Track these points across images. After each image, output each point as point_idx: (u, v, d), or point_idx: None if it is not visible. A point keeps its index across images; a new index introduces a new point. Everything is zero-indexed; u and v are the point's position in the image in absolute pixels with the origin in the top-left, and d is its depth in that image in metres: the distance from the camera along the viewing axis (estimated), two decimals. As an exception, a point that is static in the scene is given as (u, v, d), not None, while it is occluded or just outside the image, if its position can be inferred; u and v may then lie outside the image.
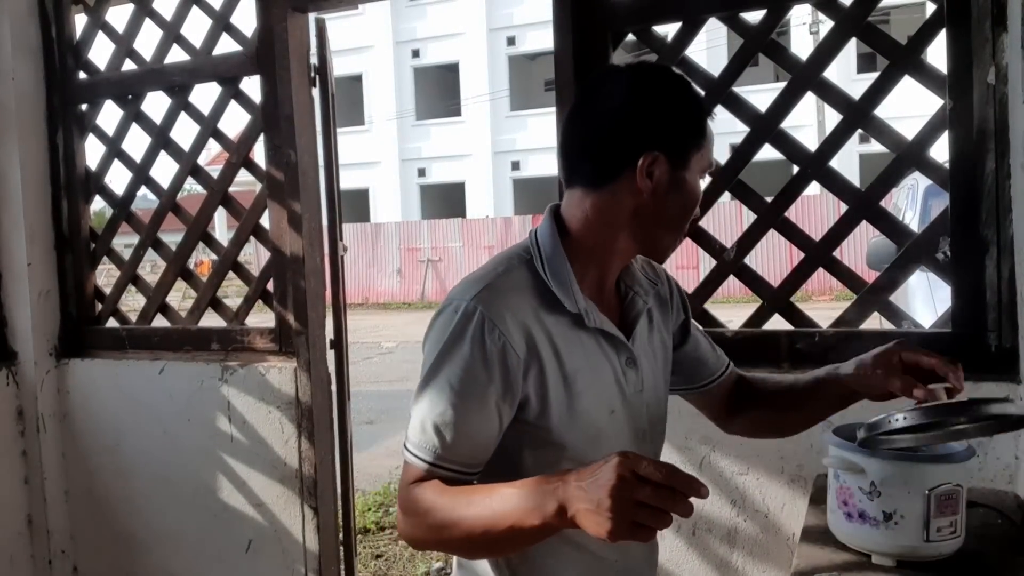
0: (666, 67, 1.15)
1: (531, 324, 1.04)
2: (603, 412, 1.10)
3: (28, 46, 2.68)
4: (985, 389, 1.63)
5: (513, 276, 1.08)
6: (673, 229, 1.12)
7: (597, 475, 0.85)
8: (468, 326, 1.02)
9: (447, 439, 1.02)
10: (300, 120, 2.38)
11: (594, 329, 1.10)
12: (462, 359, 1.02)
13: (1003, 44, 1.62)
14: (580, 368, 1.07)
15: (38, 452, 2.69)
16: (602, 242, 1.11)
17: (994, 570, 1.17)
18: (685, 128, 1.09)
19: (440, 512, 0.99)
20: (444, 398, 1.02)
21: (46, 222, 2.72)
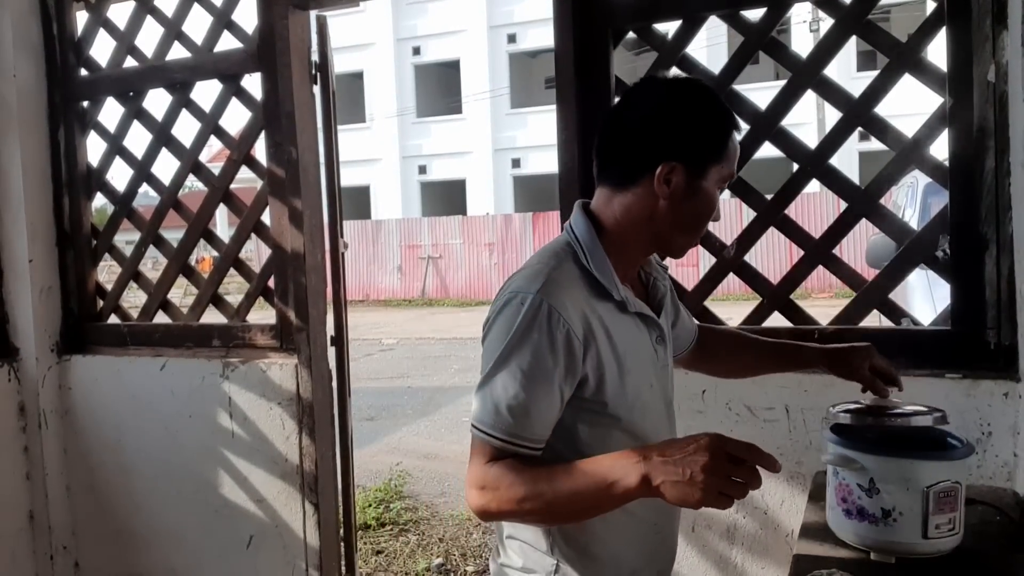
0: (698, 82, 1.22)
1: (587, 311, 1.15)
2: (645, 386, 1.23)
3: (29, 43, 2.68)
4: (984, 387, 1.63)
5: (565, 269, 1.18)
6: (687, 232, 1.22)
7: (687, 451, 0.97)
8: (537, 316, 1.11)
9: (520, 419, 1.12)
10: (301, 117, 2.39)
11: (634, 313, 1.22)
12: (532, 346, 1.11)
13: (1003, 42, 1.62)
14: (628, 349, 1.19)
15: (40, 448, 2.70)
16: (629, 238, 1.22)
17: (992, 567, 1.17)
18: (705, 141, 1.17)
19: (523, 487, 1.08)
20: (516, 382, 1.12)
21: (48, 219, 2.73)
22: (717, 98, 1.20)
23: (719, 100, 1.20)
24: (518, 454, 1.12)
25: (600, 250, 1.20)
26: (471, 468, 1.15)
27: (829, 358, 1.41)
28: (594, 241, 1.21)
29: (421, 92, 23.57)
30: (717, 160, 1.17)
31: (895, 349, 1.77)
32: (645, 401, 1.23)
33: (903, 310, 1.86)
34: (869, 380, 1.37)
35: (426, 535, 3.95)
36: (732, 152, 1.19)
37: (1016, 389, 1.60)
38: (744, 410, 1.84)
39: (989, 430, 1.63)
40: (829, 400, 1.74)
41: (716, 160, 1.17)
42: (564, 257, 1.20)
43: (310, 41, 2.44)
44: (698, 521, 1.91)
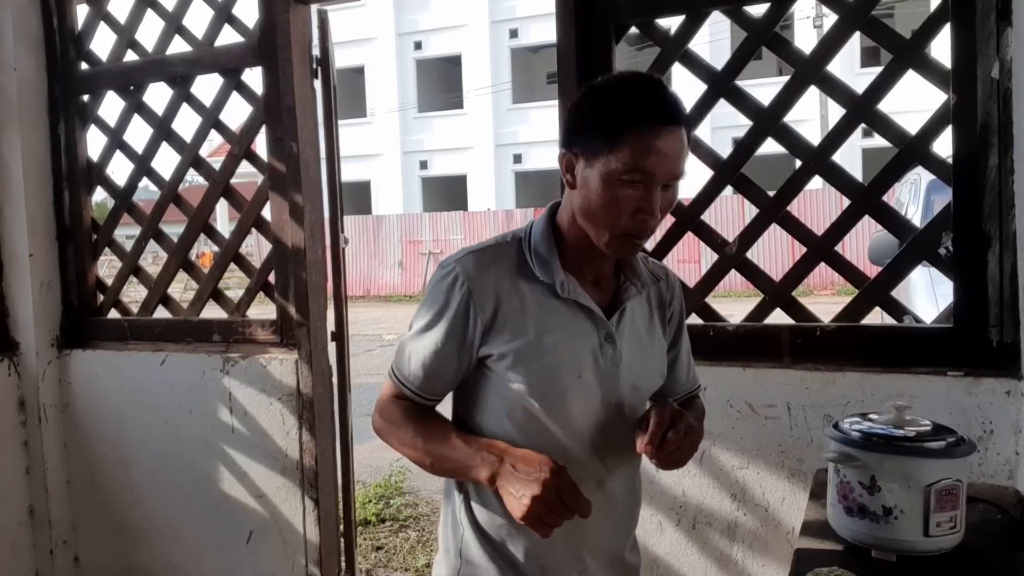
0: (623, 74, 1.22)
1: (505, 288, 1.22)
2: (570, 374, 1.24)
3: (30, 37, 2.67)
4: (986, 385, 1.63)
5: (499, 248, 1.27)
6: (592, 224, 1.20)
7: (531, 473, 1.09)
8: (444, 281, 1.23)
9: (412, 368, 1.26)
10: (302, 112, 2.38)
11: (569, 300, 1.24)
12: (435, 307, 1.23)
13: (1007, 39, 1.61)
14: (550, 329, 1.23)
15: (40, 442, 2.70)
16: (571, 231, 1.26)
17: (993, 565, 1.17)
18: (592, 129, 1.16)
19: (405, 432, 1.24)
20: (418, 336, 1.25)
21: (48, 213, 2.73)
22: (628, 88, 1.17)
23: (629, 90, 1.16)
24: (413, 400, 1.27)
25: (546, 238, 1.26)
26: (381, 393, 1.30)
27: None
28: (544, 231, 1.27)
29: (422, 87, 23.55)
30: (607, 150, 1.14)
31: (897, 347, 1.77)
32: (565, 387, 1.24)
33: (905, 307, 1.85)
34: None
35: (426, 531, 3.95)
36: (630, 146, 1.13)
37: (1018, 387, 1.60)
38: (745, 407, 1.84)
39: (991, 428, 1.63)
40: (830, 397, 1.76)
41: (608, 148, 1.14)
42: (507, 240, 1.28)
43: (311, 35, 2.43)
44: (699, 518, 1.91)
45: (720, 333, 1.93)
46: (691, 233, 2.01)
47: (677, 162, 1.16)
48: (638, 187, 1.15)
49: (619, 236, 1.19)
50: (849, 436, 1.22)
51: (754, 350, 1.89)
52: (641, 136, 1.13)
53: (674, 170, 1.16)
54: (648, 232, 1.20)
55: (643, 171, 1.13)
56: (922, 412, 1.31)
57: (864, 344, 1.80)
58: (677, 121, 1.15)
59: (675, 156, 1.15)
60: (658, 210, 1.17)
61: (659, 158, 1.13)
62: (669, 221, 2.02)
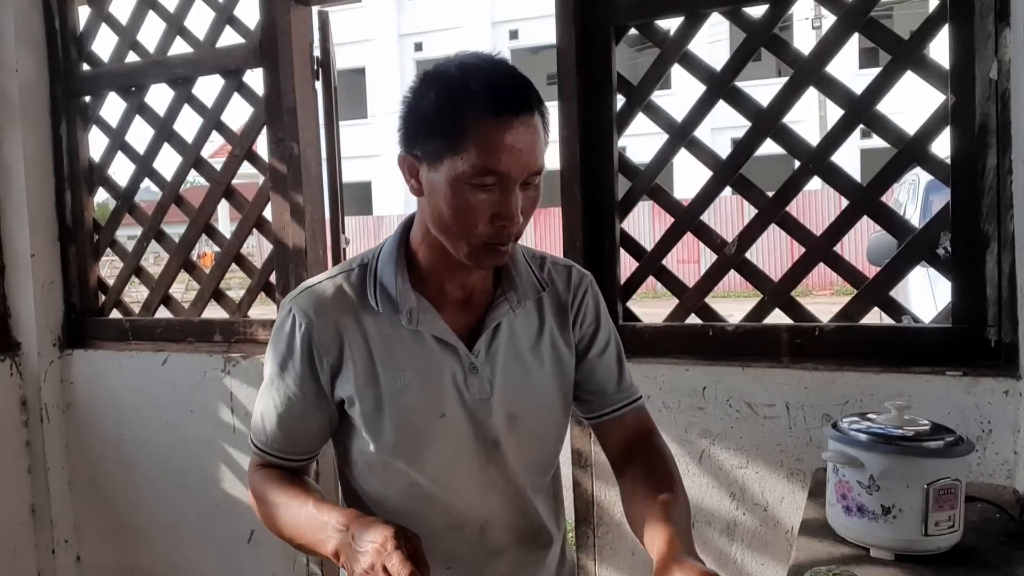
0: (448, 61, 1.04)
1: (346, 325, 1.10)
2: (430, 415, 1.11)
3: (32, 38, 2.68)
4: (984, 384, 1.63)
5: (338, 280, 1.14)
6: (447, 235, 1.05)
7: (365, 544, 0.96)
8: (284, 325, 1.12)
9: (267, 429, 1.15)
10: (303, 113, 2.39)
11: (422, 331, 1.11)
12: (277, 355, 1.13)
13: (1006, 39, 1.62)
14: (401, 368, 1.10)
15: (42, 442, 2.70)
16: (424, 244, 1.12)
17: (992, 564, 1.17)
18: (434, 128, 1.00)
19: (266, 503, 1.14)
20: (266, 391, 1.15)
21: (49, 213, 2.73)
22: (467, 75, 1.00)
23: (468, 78, 0.99)
24: (276, 464, 1.17)
25: (392, 261, 1.12)
26: (249, 468, 1.21)
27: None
28: (392, 252, 1.13)
29: (423, 88, 23.52)
30: (451, 151, 0.98)
31: (896, 346, 1.78)
32: (425, 430, 1.11)
33: (904, 307, 1.86)
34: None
35: (426, 530, 3.94)
36: (477, 144, 0.97)
37: (1016, 387, 1.60)
38: (744, 407, 1.84)
39: (989, 428, 1.63)
40: (830, 397, 1.76)
41: (449, 151, 0.98)
42: (350, 268, 1.15)
43: (312, 36, 2.43)
44: (698, 518, 1.91)
45: (719, 333, 1.94)
46: (690, 233, 2.02)
47: (534, 156, 1.00)
48: (492, 190, 1.00)
49: (479, 246, 1.04)
50: (848, 435, 1.22)
51: (753, 350, 1.90)
52: (488, 132, 0.97)
53: (532, 165, 1.00)
54: (511, 237, 1.05)
55: (495, 172, 0.98)
56: (921, 412, 1.32)
57: (863, 344, 1.80)
58: (529, 109, 0.99)
59: (530, 150, 1.00)
60: (519, 212, 1.02)
61: (512, 155, 0.98)
62: (668, 221, 2.03)
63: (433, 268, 1.13)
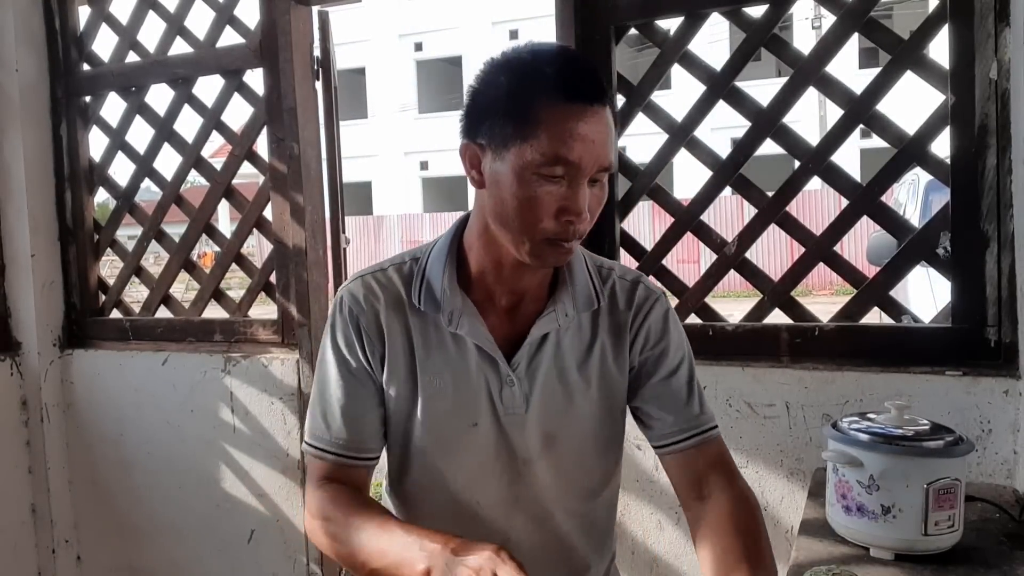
0: (520, 48, 1.00)
1: (389, 317, 1.08)
2: (462, 422, 1.07)
3: (32, 38, 2.68)
4: (984, 384, 1.63)
5: (388, 272, 1.13)
6: (509, 230, 1.00)
7: (471, 561, 0.87)
8: (335, 313, 1.11)
9: (331, 425, 1.08)
10: (303, 113, 2.39)
11: (463, 336, 1.07)
12: (333, 345, 1.10)
13: (1006, 39, 1.62)
14: (438, 369, 1.07)
15: (42, 442, 2.71)
16: (480, 242, 1.07)
17: (991, 564, 1.17)
18: (503, 113, 0.96)
19: (337, 522, 1.03)
20: (324, 385, 1.10)
21: (50, 213, 2.73)
22: (542, 61, 0.96)
23: (544, 64, 0.96)
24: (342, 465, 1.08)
25: (443, 261, 1.08)
26: (308, 484, 1.10)
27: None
28: (443, 251, 1.09)
29: (423, 88, 23.55)
30: (520, 138, 0.94)
31: (895, 346, 1.78)
32: (456, 438, 1.08)
33: (904, 307, 1.86)
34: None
35: (427, 530, 3.95)
36: (549, 131, 0.93)
37: (1016, 387, 1.60)
38: (744, 407, 1.85)
39: (989, 427, 1.63)
40: (829, 397, 1.76)
41: (518, 138, 0.94)
42: (403, 261, 1.13)
43: (312, 36, 2.44)
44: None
45: (719, 333, 1.94)
46: (690, 233, 2.02)
47: (605, 150, 0.96)
48: (560, 182, 0.95)
49: (542, 242, 0.99)
50: (848, 435, 1.22)
51: (753, 350, 1.90)
52: (562, 119, 0.93)
53: (603, 159, 0.96)
54: (577, 235, 0.99)
55: (566, 162, 0.94)
56: (920, 411, 1.32)
57: (863, 344, 1.81)
58: (602, 99, 0.96)
59: (602, 142, 0.95)
60: (587, 208, 0.97)
61: (584, 145, 0.94)
62: (668, 221, 2.03)
63: (485, 268, 1.08)
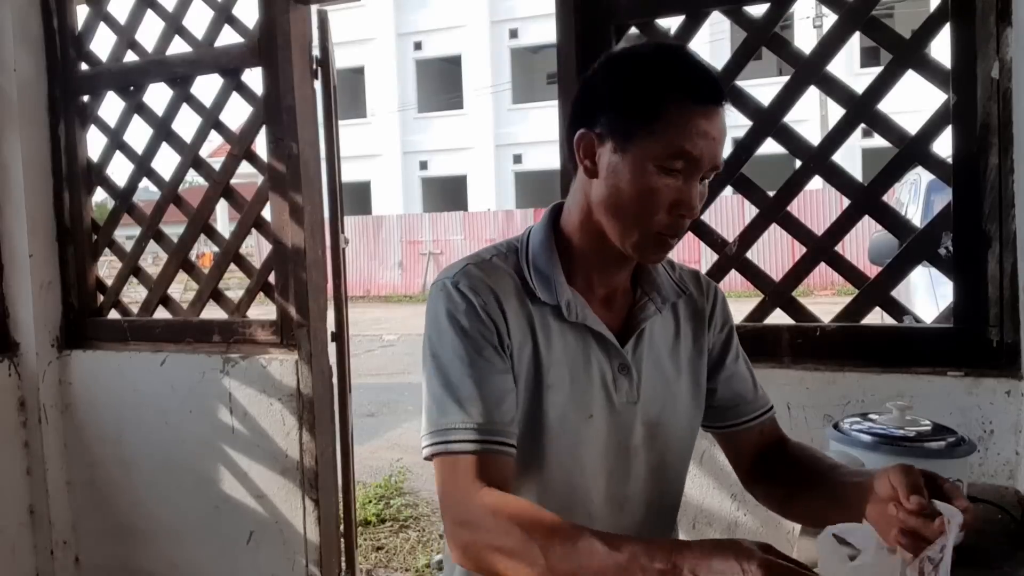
0: (640, 45, 1.06)
1: (511, 305, 1.03)
2: (580, 413, 1.05)
3: (30, 37, 2.67)
4: (986, 385, 1.63)
5: (496, 261, 1.08)
6: (621, 221, 1.01)
7: (735, 567, 0.77)
8: (455, 297, 1.02)
9: (471, 405, 0.97)
10: (302, 112, 2.38)
11: (579, 324, 1.06)
12: (459, 328, 1.01)
13: (1007, 39, 1.61)
14: (557, 360, 1.05)
15: (40, 443, 2.70)
16: (581, 232, 1.07)
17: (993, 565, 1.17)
18: (629, 106, 0.99)
19: (512, 534, 0.89)
20: (448, 370, 0.99)
21: (48, 213, 2.73)
22: (670, 59, 1.00)
23: (672, 62, 0.99)
24: (497, 454, 0.96)
25: (548, 248, 1.07)
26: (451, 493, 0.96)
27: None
28: (545, 239, 1.08)
29: (422, 87, 23.55)
30: (646, 131, 0.96)
31: (897, 347, 1.77)
32: (576, 430, 1.05)
33: (905, 307, 1.85)
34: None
35: (426, 531, 3.95)
36: (676, 126, 0.95)
37: (1018, 387, 1.60)
38: (745, 407, 1.84)
39: (991, 428, 1.63)
40: (830, 397, 1.76)
41: (644, 130, 0.96)
42: (504, 251, 1.10)
43: (311, 36, 2.43)
44: (699, 518, 1.91)
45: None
46: (691, 233, 2.00)
47: (721, 149, 0.99)
48: (678, 177, 0.98)
49: (652, 236, 1.01)
50: (849, 436, 1.22)
51: (754, 350, 1.87)
52: (688, 115, 0.96)
53: (718, 158, 0.99)
54: (683, 231, 1.02)
55: (689, 157, 0.96)
56: (922, 412, 1.31)
57: (864, 344, 1.80)
58: (722, 101, 0.99)
59: (720, 141, 0.99)
60: (698, 206, 1.00)
61: (707, 143, 0.97)
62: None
63: (587, 259, 1.08)
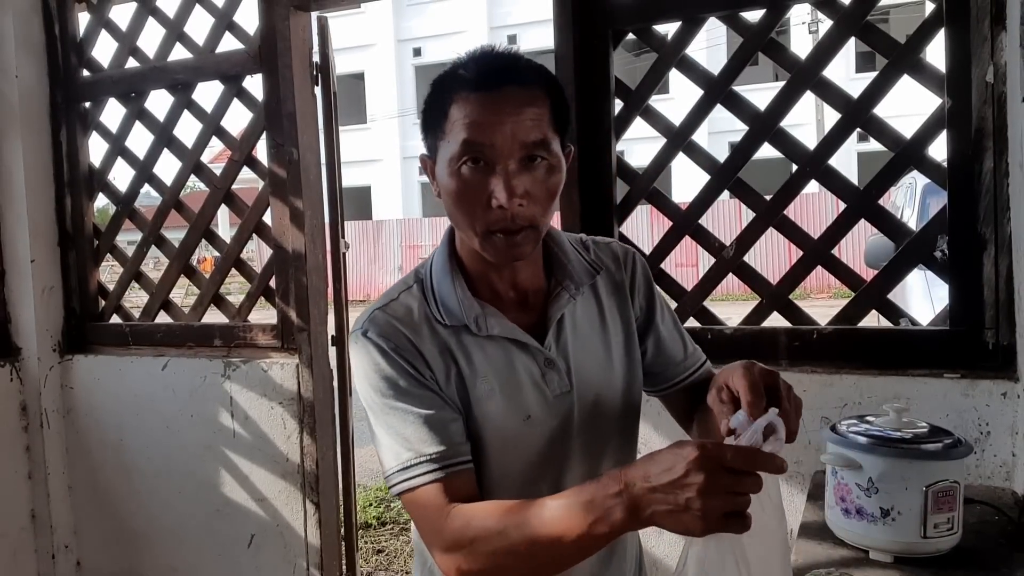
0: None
1: (423, 339, 1.04)
2: (515, 418, 1.06)
3: (32, 44, 2.69)
4: (982, 387, 1.64)
5: (401, 300, 1.07)
6: (460, 227, 1.03)
7: (676, 472, 0.78)
8: (368, 348, 1.02)
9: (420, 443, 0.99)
10: (302, 118, 2.39)
11: (497, 336, 1.06)
12: (382, 375, 1.01)
13: (1001, 43, 1.63)
14: (483, 375, 1.05)
15: (42, 447, 2.71)
16: (466, 247, 1.08)
17: (991, 566, 1.17)
18: (427, 123, 1.03)
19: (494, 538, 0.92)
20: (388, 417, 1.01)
21: (50, 219, 2.74)
22: (453, 64, 1.03)
23: (454, 65, 1.02)
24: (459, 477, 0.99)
25: (446, 270, 1.08)
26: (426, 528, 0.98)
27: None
28: (444, 261, 1.09)
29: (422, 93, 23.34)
30: (442, 135, 0.98)
31: (894, 349, 1.78)
32: (512, 435, 1.06)
33: (901, 310, 1.86)
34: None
35: (426, 535, 3.94)
36: (458, 121, 0.96)
37: (1014, 389, 1.61)
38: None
39: (987, 430, 1.63)
40: (828, 400, 1.77)
41: (441, 136, 0.99)
42: (407, 286, 1.10)
43: (311, 42, 2.44)
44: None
45: (718, 336, 1.94)
46: (688, 237, 2.02)
47: (522, 127, 0.95)
48: (485, 170, 0.96)
49: (487, 236, 0.99)
50: (847, 438, 1.22)
51: (751, 353, 1.88)
52: (467, 107, 0.96)
53: (521, 136, 0.95)
54: (519, 221, 0.98)
55: (479, 145, 0.95)
56: (919, 414, 1.32)
57: (861, 347, 1.81)
58: (516, 80, 0.97)
59: (517, 121, 0.95)
60: (516, 191, 0.96)
61: (494, 127, 0.94)
62: (667, 225, 2.04)
63: (482, 269, 1.09)
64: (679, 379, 1.22)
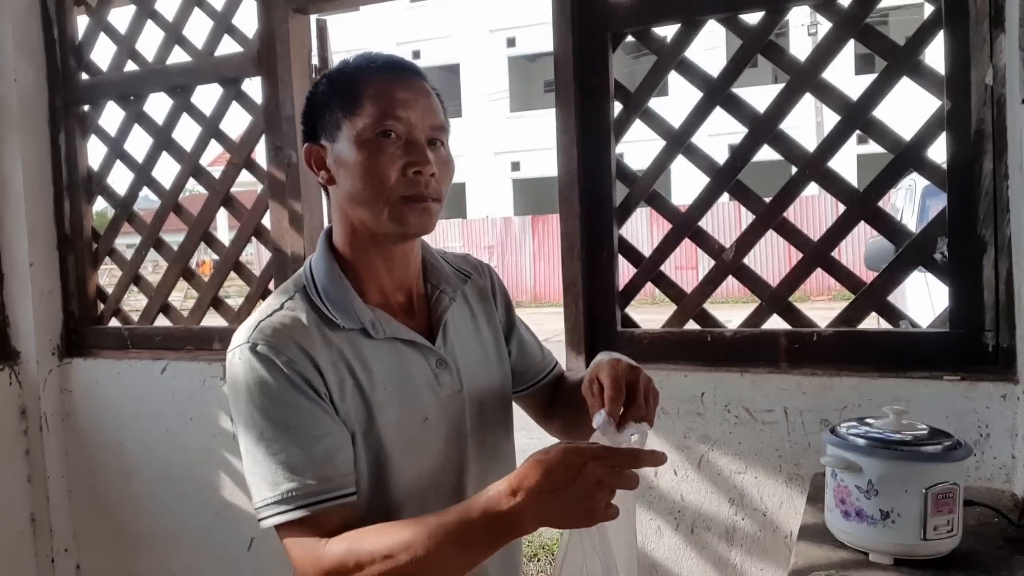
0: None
1: (316, 348, 1.02)
2: (415, 421, 1.08)
3: (30, 47, 2.69)
4: (982, 389, 1.64)
5: (286, 309, 1.07)
6: (366, 202, 1.05)
7: (569, 476, 0.85)
8: (256, 363, 1.00)
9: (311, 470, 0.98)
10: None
11: (388, 339, 1.08)
12: (270, 393, 0.99)
13: (1001, 45, 1.63)
14: (380, 380, 1.06)
15: (41, 451, 2.70)
16: (353, 246, 1.11)
17: (990, 568, 1.17)
18: (333, 105, 1.06)
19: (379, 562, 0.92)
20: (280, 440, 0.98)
21: (48, 222, 2.73)
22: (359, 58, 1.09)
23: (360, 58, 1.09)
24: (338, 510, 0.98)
25: (334, 275, 1.09)
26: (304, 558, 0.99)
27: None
28: (328, 267, 1.10)
29: (421, 95, 23.55)
30: (350, 114, 1.04)
31: (893, 351, 1.78)
32: (413, 438, 1.07)
33: (901, 312, 1.86)
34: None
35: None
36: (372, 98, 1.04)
37: (1014, 391, 1.61)
38: (743, 412, 1.85)
39: (987, 432, 1.63)
40: (827, 402, 1.77)
41: (349, 115, 1.04)
42: (289, 295, 1.09)
43: (310, 45, 2.44)
44: (697, 523, 1.91)
45: (718, 339, 1.94)
46: (688, 239, 2.02)
47: (431, 112, 1.06)
48: (398, 141, 1.04)
49: (399, 203, 1.04)
50: (846, 440, 1.22)
51: (751, 355, 1.90)
52: (379, 86, 1.04)
53: (431, 119, 1.06)
54: (431, 189, 1.04)
55: (395, 116, 1.03)
56: (919, 416, 1.32)
57: (861, 349, 1.81)
58: (418, 74, 1.08)
59: (426, 104, 1.06)
60: (430, 161, 1.04)
61: (407, 105, 1.04)
62: (666, 227, 2.04)
63: (372, 272, 1.11)
64: (539, 378, 1.33)
